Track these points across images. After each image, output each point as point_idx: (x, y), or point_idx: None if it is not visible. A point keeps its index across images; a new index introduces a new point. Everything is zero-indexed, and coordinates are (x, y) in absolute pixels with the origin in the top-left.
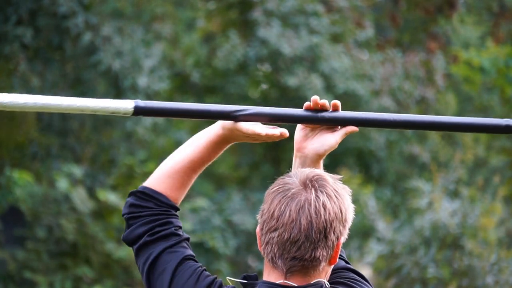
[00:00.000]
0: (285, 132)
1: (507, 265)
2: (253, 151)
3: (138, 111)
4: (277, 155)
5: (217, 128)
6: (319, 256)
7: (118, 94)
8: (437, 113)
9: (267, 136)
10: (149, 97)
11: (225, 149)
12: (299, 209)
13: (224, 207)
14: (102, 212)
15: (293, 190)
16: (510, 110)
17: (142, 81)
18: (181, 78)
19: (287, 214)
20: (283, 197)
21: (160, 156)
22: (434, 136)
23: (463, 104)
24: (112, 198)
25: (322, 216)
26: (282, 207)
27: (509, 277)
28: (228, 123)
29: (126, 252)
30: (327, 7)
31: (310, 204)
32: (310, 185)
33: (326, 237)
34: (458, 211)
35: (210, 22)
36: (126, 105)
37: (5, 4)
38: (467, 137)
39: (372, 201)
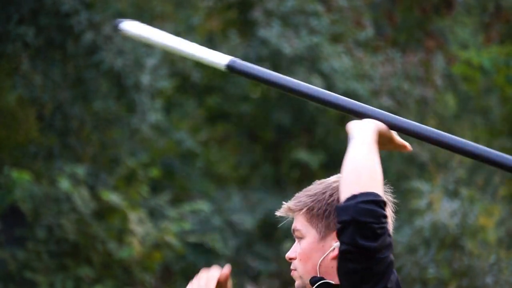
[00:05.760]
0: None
1: (506, 265)
2: (253, 151)
3: (231, 69)
4: (277, 155)
5: (374, 133)
6: None
7: (121, 92)
8: (436, 113)
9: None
10: (152, 95)
11: None
12: None
13: (224, 207)
14: (103, 212)
15: None
16: (510, 110)
17: (145, 79)
18: (182, 78)
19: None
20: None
21: (161, 158)
22: None
23: (463, 104)
24: (114, 198)
25: None
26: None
27: (508, 277)
28: (384, 129)
29: (127, 253)
30: (327, 6)
31: None
32: None
33: None
34: (457, 211)
35: (208, 21)
36: (220, 60)
37: (7, 3)
38: (467, 137)
39: None
